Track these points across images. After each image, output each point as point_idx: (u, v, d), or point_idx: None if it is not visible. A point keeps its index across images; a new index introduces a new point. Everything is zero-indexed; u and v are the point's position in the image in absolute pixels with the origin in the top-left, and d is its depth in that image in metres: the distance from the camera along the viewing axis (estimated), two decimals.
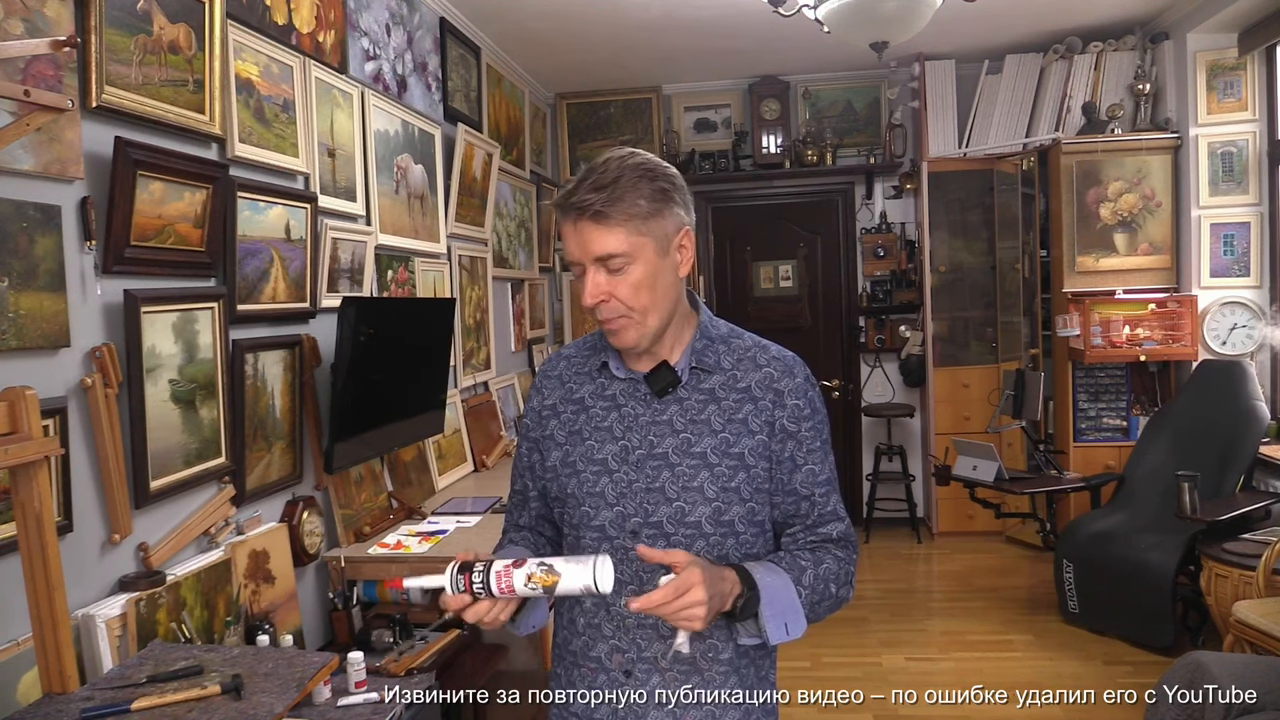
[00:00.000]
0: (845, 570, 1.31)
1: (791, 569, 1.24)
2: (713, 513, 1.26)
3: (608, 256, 1.21)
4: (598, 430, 1.32)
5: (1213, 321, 4.52)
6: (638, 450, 1.28)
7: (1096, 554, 3.92)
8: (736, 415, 1.28)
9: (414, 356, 3.06)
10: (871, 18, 3.03)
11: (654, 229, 1.23)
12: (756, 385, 1.30)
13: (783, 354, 1.35)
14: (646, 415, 1.30)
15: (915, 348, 5.58)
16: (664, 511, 1.27)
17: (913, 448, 5.73)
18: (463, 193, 3.98)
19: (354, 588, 2.65)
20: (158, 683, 1.59)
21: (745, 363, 1.32)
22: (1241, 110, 4.47)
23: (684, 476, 1.27)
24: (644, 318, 1.25)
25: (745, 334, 1.38)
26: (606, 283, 1.23)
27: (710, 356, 1.32)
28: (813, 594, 1.25)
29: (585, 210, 1.20)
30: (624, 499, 1.28)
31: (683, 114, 5.81)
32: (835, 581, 1.29)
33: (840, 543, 1.33)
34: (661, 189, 1.23)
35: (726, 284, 5.93)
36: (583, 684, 1.33)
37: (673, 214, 1.25)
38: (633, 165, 1.23)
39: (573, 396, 1.36)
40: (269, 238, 2.46)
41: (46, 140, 1.71)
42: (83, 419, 1.83)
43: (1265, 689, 2.29)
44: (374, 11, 3.26)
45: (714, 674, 1.28)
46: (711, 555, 1.26)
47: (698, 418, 1.28)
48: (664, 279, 1.25)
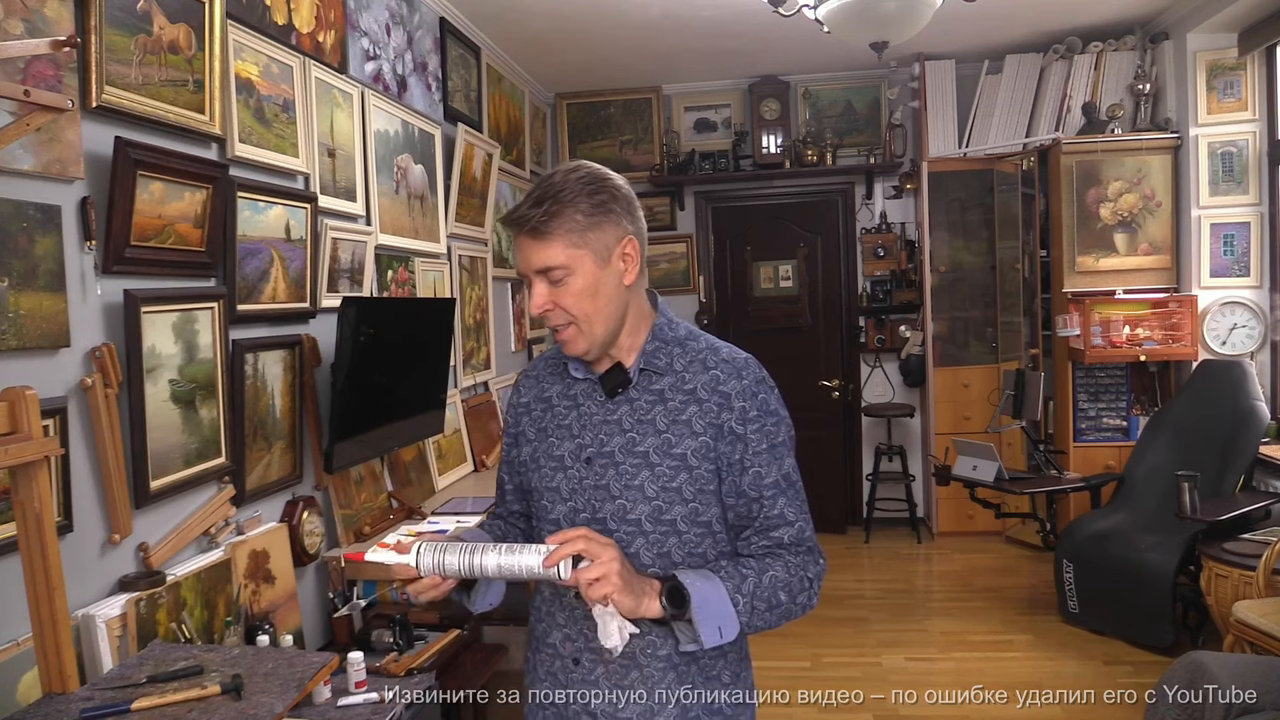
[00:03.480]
0: (800, 577, 1.31)
1: (730, 577, 1.26)
2: (652, 511, 1.30)
3: (547, 269, 1.26)
4: (559, 428, 1.38)
5: (1213, 321, 4.52)
6: (589, 448, 1.34)
7: (1096, 554, 3.92)
8: (680, 416, 1.31)
9: (414, 356, 3.06)
10: (871, 18, 3.03)
11: (592, 241, 1.27)
12: (702, 387, 1.32)
13: (734, 356, 1.36)
14: (600, 415, 1.35)
15: (915, 348, 5.58)
16: (608, 508, 1.31)
17: (913, 448, 5.73)
18: (463, 193, 3.98)
19: (354, 587, 2.65)
20: (158, 683, 1.59)
21: (695, 365, 1.34)
22: (1241, 110, 4.47)
23: (626, 475, 1.31)
24: (589, 326, 1.29)
25: (703, 336, 1.41)
26: (550, 293, 1.28)
27: (661, 358, 1.35)
28: (756, 601, 1.26)
29: (524, 225, 1.26)
30: (575, 495, 1.34)
31: (683, 114, 5.81)
32: (786, 589, 1.29)
33: (793, 548, 1.33)
34: (601, 201, 1.28)
35: (726, 284, 5.92)
36: (542, 669, 1.41)
37: (613, 225, 1.29)
38: (575, 179, 1.28)
39: (543, 395, 1.43)
40: (269, 238, 2.46)
41: (46, 140, 1.71)
42: (83, 419, 1.83)
43: (1265, 689, 2.29)
44: (374, 11, 3.26)
45: (652, 670, 1.32)
46: (652, 553, 1.30)
47: (645, 418, 1.32)
48: (606, 288, 1.29)
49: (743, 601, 1.25)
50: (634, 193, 1.37)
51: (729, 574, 1.26)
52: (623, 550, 1.23)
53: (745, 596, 1.25)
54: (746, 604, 1.25)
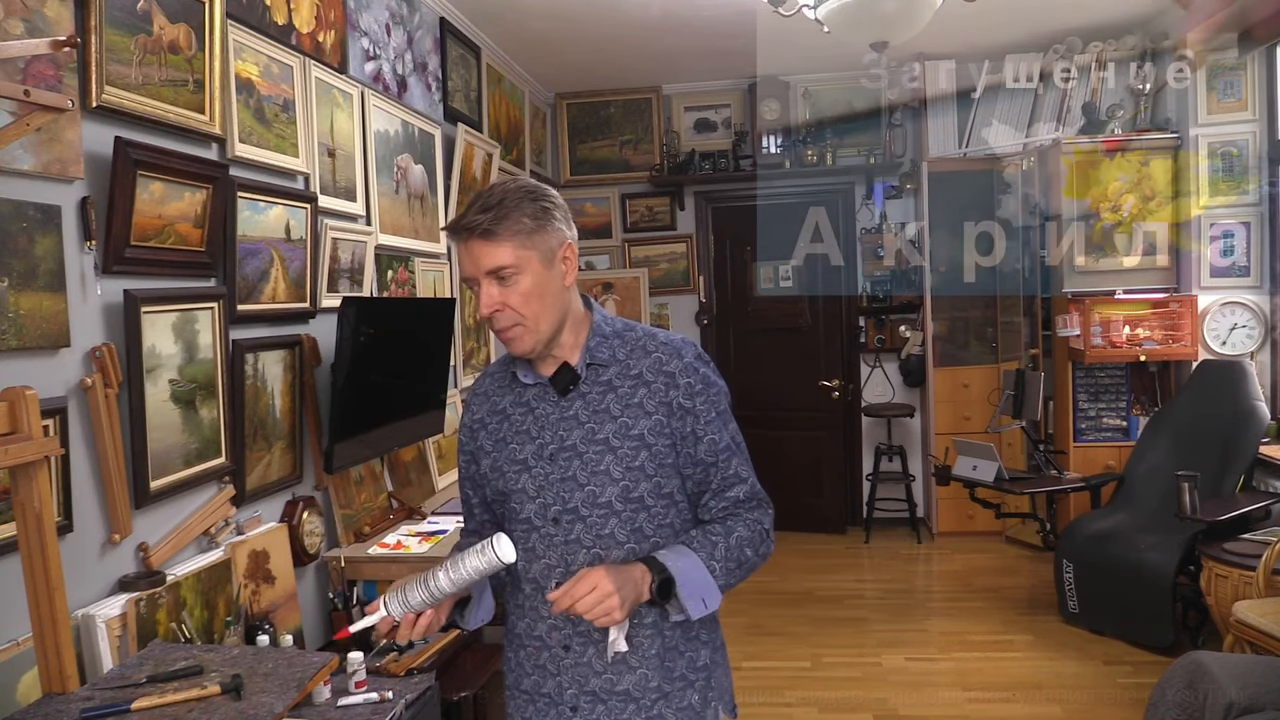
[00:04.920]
0: (758, 530, 1.43)
1: (703, 547, 1.36)
2: (621, 491, 1.38)
3: (498, 269, 1.33)
4: (518, 434, 1.44)
5: (1213, 322, 4.52)
6: (550, 446, 1.41)
7: (1096, 554, 3.92)
8: (632, 400, 1.40)
9: (414, 356, 3.06)
10: (871, 18, 3.03)
11: (538, 243, 1.35)
12: (648, 370, 1.41)
13: (671, 338, 1.46)
14: (555, 413, 1.42)
15: (915, 348, 5.58)
16: (578, 497, 1.38)
17: (913, 448, 5.73)
18: (463, 193, 3.98)
19: (354, 587, 2.65)
20: (158, 683, 1.59)
21: (636, 352, 1.43)
22: (1241, 110, 4.47)
23: (591, 463, 1.38)
24: (536, 324, 1.36)
25: (638, 326, 1.50)
26: (499, 294, 1.34)
27: (604, 351, 1.43)
28: (728, 563, 1.37)
29: (475, 229, 1.32)
30: (544, 491, 1.40)
31: (683, 114, 5.81)
32: (750, 545, 1.41)
33: (748, 503, 1.45)
34: (543, 208, 1.36)
35: (726, 284, 5.92)
36: (529, 662, 1.45)
37: (555, 230, 1.37)
38: (515, 189, 1.35)
39: (496, 408, 1.49)
40: (269, 238, 2.46)
41: (46, 140, 1.71)
42: (83, 419, 1.83)
43: (1265, 689, 2.29)
44: (374, 11, 3.26)
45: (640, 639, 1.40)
46: (626, 530, 1.38)
47: (599, 408, 1.40)
48: (551, 288, 1.37)
49: (718, 568, 1.35)
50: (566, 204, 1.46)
51: (701, 544, 1.37)
52: (597, 532, 1.37)
53: (719, 562, 1.36)
54: (722, 569, 1.36)
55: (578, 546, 1.39)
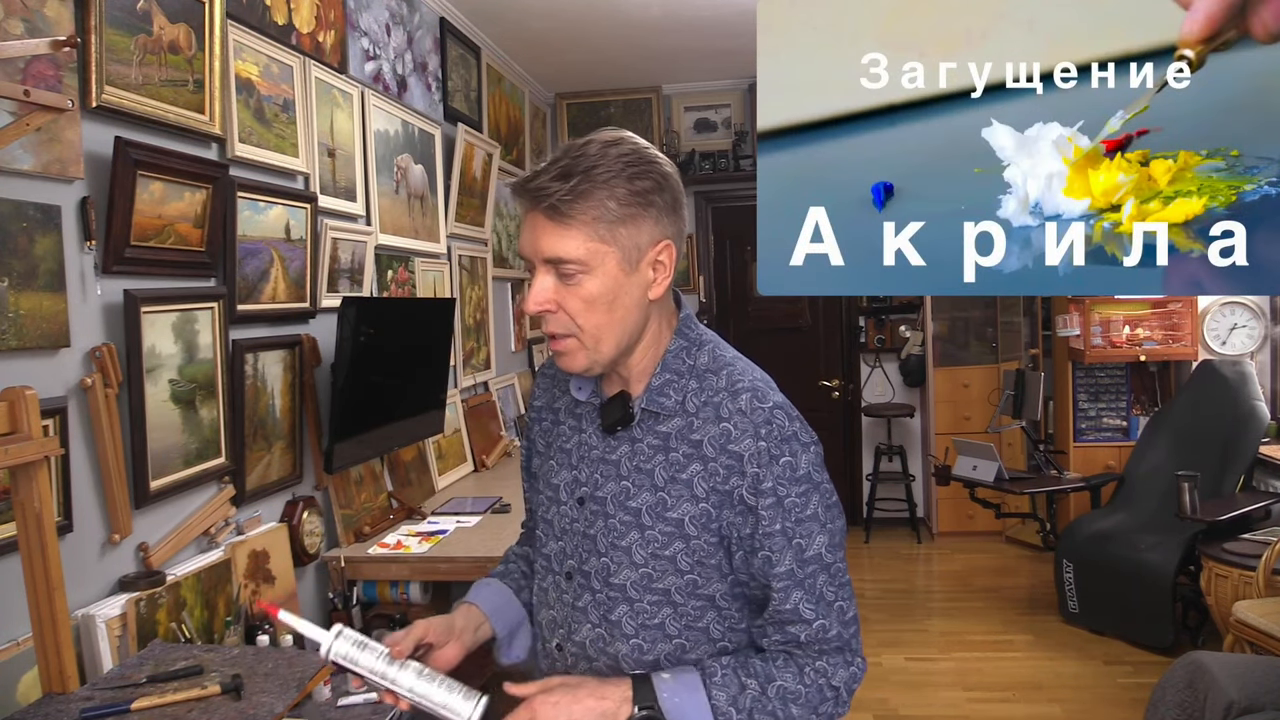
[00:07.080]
0: (819, 685, 1.06)
1: (726, 685, 1.04)
2: (640, 579, 1.09)
3: (558, 260, 1.03)
4: (560, 451, 1.19)
5: (1213, 321, 4.52)
6: (584, 486, 1.14)
7: (1096, 554, 3.92)
8: (681, 474, 1.08)
9: (414, 357, 3.06)
10: None
11: (622, 237, 1.03)
12: (710, 442, 1.07)
13: (755, 406, 1.08)
14: (599, 449, 1.14)
15: (915, 348, 5.59)
16: (593, 564, 1.13)
17: (913, 448, 5.73)
18: (463, 193, 3.98)
19: (354, 587, 2.65)
20: (158, 683, 1.59)
21: (707, 410, 1.09)
22: None
23: (614, 531, 1.11)
24: (595, 341, 1.05)
25: (726, 368, 1.13)
26: (555, 290, 1.04)
27: (670, 396, 1.10)
28: (754, 717, 1.04)
29: (541, 200, 1.02)
30: (565, 535, 1.17)
31: (683, 114, 5.81)
32: (800, 703, 1.05)
33: (811, 648, 1.08)
34: (643, 190, 1.04)
35: (727, 284, 5.92)
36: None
37: (651, 222, 1.05)
38: (615, 155, 1.04)
39: (553, 405, 1.24)
40: (269, 238, 2.46)
41: (46, 140, 1.71)
42: (83, 419, 1.83)
43: (1265, 689, 2.29)
44: (374, 11, 3.26)
45: None
46: (635, 623, 1.11)
47: (644, 465, 1.10)
48: (626, 298, 1.05)
49: (736, 717, 1.03)
50: (683, 185, 1.12)
51: (725, 681, 1.04)
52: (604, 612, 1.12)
53: (742, 712, 1.03)
54: None
55: (583, 618, 1.14)
